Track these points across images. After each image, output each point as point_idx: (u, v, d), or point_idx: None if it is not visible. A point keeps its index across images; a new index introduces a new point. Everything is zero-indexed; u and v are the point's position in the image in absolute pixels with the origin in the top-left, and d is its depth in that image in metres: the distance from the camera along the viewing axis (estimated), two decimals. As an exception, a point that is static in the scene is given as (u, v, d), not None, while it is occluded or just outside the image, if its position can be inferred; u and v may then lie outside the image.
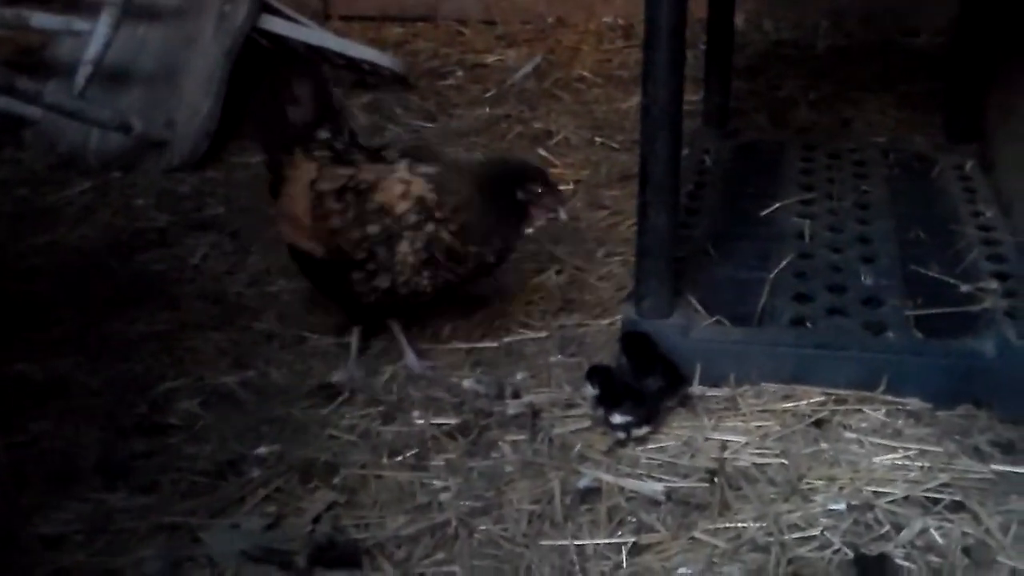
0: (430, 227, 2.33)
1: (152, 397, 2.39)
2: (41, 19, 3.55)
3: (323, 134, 2.50)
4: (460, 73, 4.33)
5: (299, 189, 2.42)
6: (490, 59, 4.46)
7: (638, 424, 2.18)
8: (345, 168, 2.41)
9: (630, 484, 2.07)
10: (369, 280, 2.37)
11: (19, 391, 2.39)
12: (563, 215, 2.42)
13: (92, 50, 3.36)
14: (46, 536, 1.98)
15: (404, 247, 2.34)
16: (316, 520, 2.03)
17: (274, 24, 3.77)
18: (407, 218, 2.34)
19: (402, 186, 2.35)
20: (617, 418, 2.18)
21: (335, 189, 2.38)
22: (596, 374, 2.25)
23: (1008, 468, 2.08)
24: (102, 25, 3.37)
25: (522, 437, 2.23)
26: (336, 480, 2.13)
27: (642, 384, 2.22)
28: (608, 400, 2.20)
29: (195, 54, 3.55)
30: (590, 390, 2.24)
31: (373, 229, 2.34)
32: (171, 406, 2.36)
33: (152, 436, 2.26)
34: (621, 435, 2.18)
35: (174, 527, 2.01)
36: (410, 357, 2.49)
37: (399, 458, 2.19)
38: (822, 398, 2.28)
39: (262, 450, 2.22)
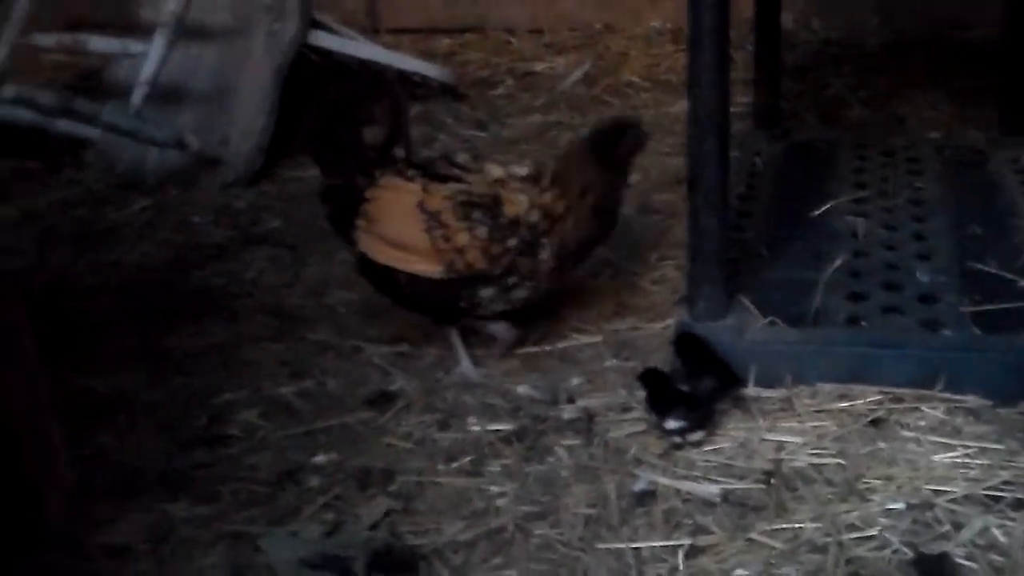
0: (557, 228, 2.40)
1: (212, 409, 2.43)
2: (98, 43, 3.64)
3: (399, 152, 2.46)
4: (510, 82, 4.35)
5: (404, 212, 2.38)
6: (539, 67, 4.47)
7: (691, 428, 2.17)
8: (450, 184, 2.40)
9: (686, 486, 2.07)
10: (506, 293, 2.41)
11: (85, 405, 2.43)
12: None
13: (147, 70, 3.43)
14: (111, 546, 2.02)
15: (544, 254, 2.38)
16: (374, 527, 2.04)
17: (324, 39, 3.82)
18: (540, 225, 2.38)
19: (525, 196, 2.37)
20: (671, 423, 2.18)
21: (456, 205, 2.37)
22: (648, 378, 2.25)
23: (1070, 464, 2.06)
24: (156, 46, 3.44)
25: (577, 442, 2.23)
26: (393, 487, 2.15)
27: (695, 386, 2.21)
28: (661, 404, 2.20)
29: (247, 72, 3.61)
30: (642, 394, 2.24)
31: (512, 242, 2.36)
32: (230, 417, 2.40)
33: (212, 447, 2.30)
34: (677, 439, 2.18)
35: (235, 536, 2.03)
36: (466, 364, 2.50)
37: (455, 464, 2.20)
38: (879, 397, 2.26)
39: (320, 459, 2.25)
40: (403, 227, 2.40)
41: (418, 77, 4.13)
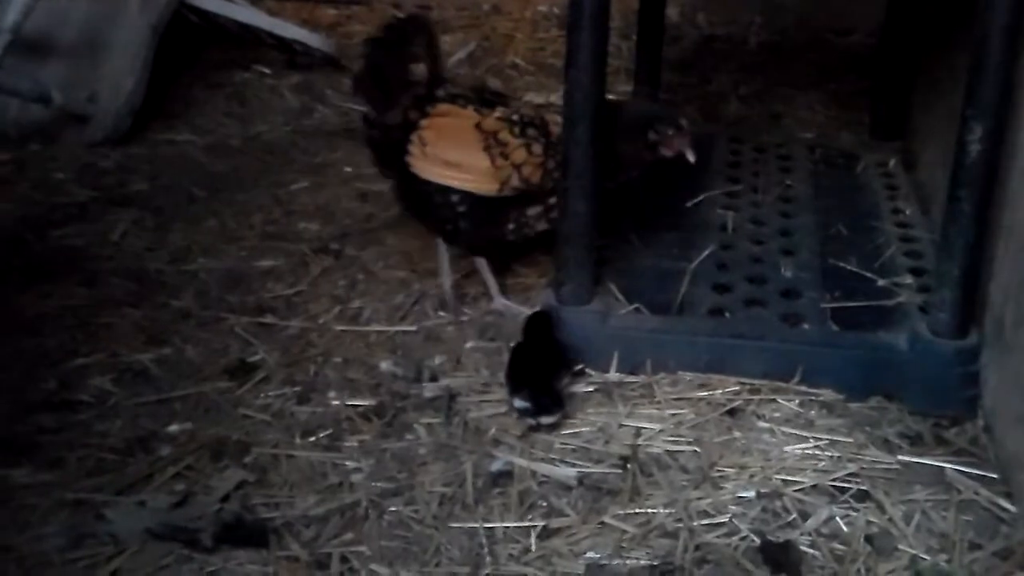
0: None
1: (63, 373, 2.34)
2: (-44, -14, 3.48)
3: (441, 92, 2.55)
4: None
5: (462, 134, 2.47)
6: (424, 44, 4.43)
7: (536, 411, 2.17)
8: (499, 107, 2.52)
9: (543, 468, 2.08)
10: (548, 212, 2.48)
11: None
12: (690, 156, 2.54)
13: (10, 18, 3.26)
14: (-57, 511, 1.94)
15: None
16: (225, 499, 2.00)
17: (203, 0, 3.72)
18: None
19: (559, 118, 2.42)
20: (517, 402, 2.18)
21: (512, 125, 2.46)
22: (514, 353, 2.28)
23: (914, 459, 2.11)
24: (21, -7, 3.30)
25: (437, 420, 2.22)
26: (247, 459, 2.11)
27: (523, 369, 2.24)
28: (512, 383, 2.22)
29: (120, 28, 3.48)
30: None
31: (559, 159, 2.39)
32: (82, 382, 2.32)
33: (61, 412, 2.22)
34: (530, 421, 2.18)
35: (78, 503, 1.97)
36: (498, 296, 2.58)
37: (312, 438, 2.17)
38: (737, 387, 2.30)
39: (173, 428, 2.19)
40: (462, 148, 2.47)
41: (299, 46, 4.06)
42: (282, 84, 3.97)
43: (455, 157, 2.48)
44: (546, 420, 2.17)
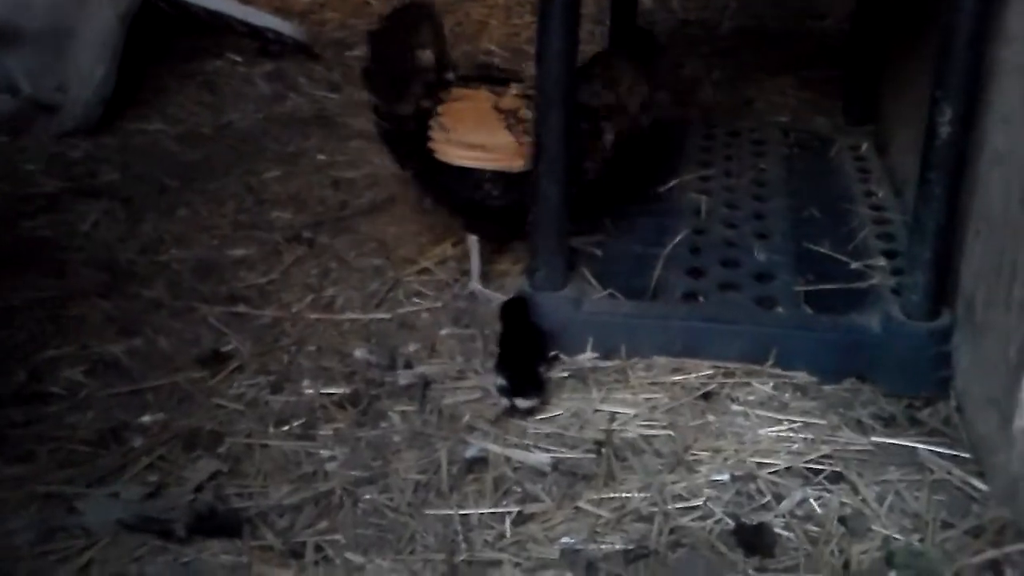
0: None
1: (33, 365, 2.32)
2: (-81, -26, 3.43)
3: (451, 76, 2.59)
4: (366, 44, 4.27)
5: (482, 116, 2.50)
6: (398, 31, 4.41)
7: (513, 392, 2.18)
8: (511, 85, 2.56)
9: (517, 455, 2.07)
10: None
11: None
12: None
13: (-27, 7, 3.26)
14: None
15: (608, 135, 2.60)
16: (198, 489, 1.99)
17: (173, -12, 3.69)
18: (601, 111, 2.61)
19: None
20: (498, 380, 2.19)
21: (529, 102, 2.44)
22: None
23: (887, 440, 2.12)
24: (-16, -19, 3.27)
25: (412, 408, 2.21)
26: (221, 449, 2.10)
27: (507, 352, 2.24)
28: (498, 364, 2.22)
29: (88, 16, 3.43)
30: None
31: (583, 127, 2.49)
32: (53, 374, 2.30)
33: (31, 405, 2.20)
34: (505, 402, 2.18)
35: (49, 496, 1.96)
36: (476, 280, 2.59)
37: (286, 427, 2.16)
38: (711, 371, 2.30)
39: (146, 419, 2.18)
40: (484, 130, 2.50)
41: (272, 34, 4.03)
42: (254, 72, 3.94)
43: (479, 139, 2.50)
44: (522, 404, 2.17)
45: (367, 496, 1.98)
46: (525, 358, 2.23)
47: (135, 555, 1.85)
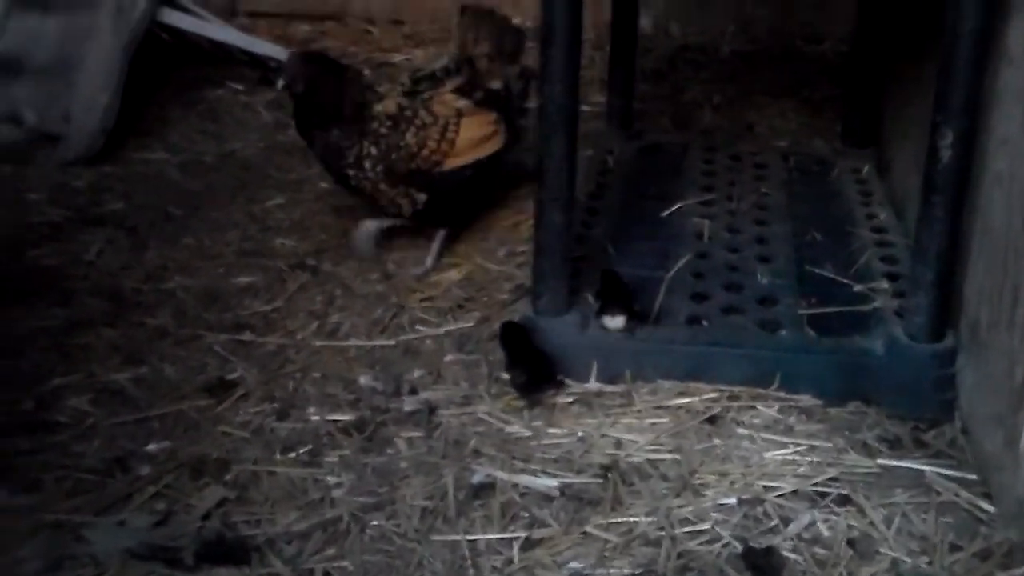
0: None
1: (39, 394, 2.33)
2: (-72, 7, 3.46)
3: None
4: (367, 72, 4.30)
5: (473, 116, 2.85)
6: (397, 58, 4.43)
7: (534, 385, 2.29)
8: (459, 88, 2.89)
9: (524, 480, 2.08)
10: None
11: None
12: None
13: (-19, 39, 3.28)
14: (-80, 536, 1.92)
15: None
16: (206, 517, 1.99)
17: (176, 18, 3.71)
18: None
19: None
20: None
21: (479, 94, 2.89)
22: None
23: (894, 463, 2.12)
24: (-8, 13, 3.30)
25: (417, 434, 2.22)
26: (228, 477, 2.10)
27: (512, 376, 2.30)
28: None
29: (92, 47, 3.47)
30: None
31: None
32: (59, 403, 2.30)
33: (37, 433, 2.20)
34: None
35: (57, 525, 1.95)
36: (430, 263, 2.82)
37: (292, 454, 2.16)
38: (716, 395, 2.31)
39: (152, 447, 2.18)
40: (478, 125, 2.85)
41: (273, 63, 4.05)
42: (256, 101, 3.96)
43: (478, 133, 2.84)
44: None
45: (374, 522, 1.98)
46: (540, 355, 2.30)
47: (143, 583, 1.85)
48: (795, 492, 2.05)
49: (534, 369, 2.28)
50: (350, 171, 2.76)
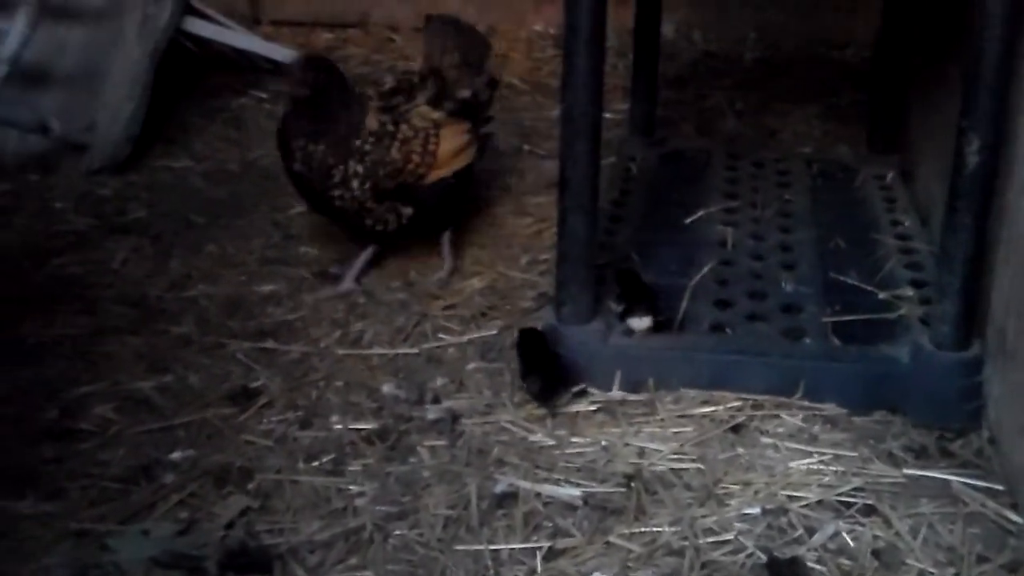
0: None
1: (64, 402, 2.34)
2: (-44, 20, 3.48)
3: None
4: (389, 79, 4.30)
5: (451, 131, 2.86)
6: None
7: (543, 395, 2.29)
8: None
9: (547, 489, 2.07)
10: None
11: (-74, 395, 2.33)
12: None
13: (8, 49, 3.29)
14: (-54, 544, 1.94)
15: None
16: (229, 526, 2.00)
17: (199, 27, 3.73)
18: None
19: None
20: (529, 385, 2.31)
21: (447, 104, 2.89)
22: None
23: (920, 472, 2.11)
24: (19, 24, 3.31)
25: (440, 442, 2.22)
26: (251, 485, 2.10)
27: (527, 384, 2.31)
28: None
29: (118, 56, 3.48)
30: None
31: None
32: (84, 411, 2.32)
33: (62, 442, 2.21)
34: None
35: (81, 534, 1.97)
36: (447, 270, 2.84)
37: (315, 463, 2.17)
38: (740, 403, 2.30)
39: (176, 455, 2.19)
40: (454, 136, 2.85)
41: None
42: (279, 109, 3.96)
43: (456, 143, 2.84)
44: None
45: (397, 532, 1.98)
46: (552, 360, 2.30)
47: (167, 592, 1.86)
48: (820, 502, 2.04)
49: (548, 376, 2.27)
50: (335, 191, 2.70)
